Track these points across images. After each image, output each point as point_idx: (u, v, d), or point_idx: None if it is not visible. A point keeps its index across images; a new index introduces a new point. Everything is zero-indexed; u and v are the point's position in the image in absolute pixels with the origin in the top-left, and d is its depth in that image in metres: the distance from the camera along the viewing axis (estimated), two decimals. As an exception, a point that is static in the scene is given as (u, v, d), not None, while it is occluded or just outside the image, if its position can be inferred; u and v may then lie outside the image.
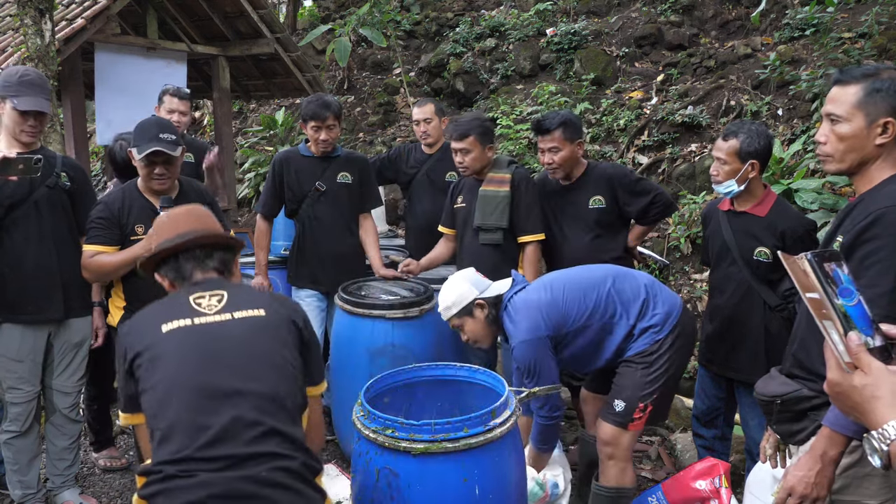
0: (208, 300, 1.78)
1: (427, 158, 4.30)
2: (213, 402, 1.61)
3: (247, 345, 1.71)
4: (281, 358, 1.73)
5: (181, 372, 1.65)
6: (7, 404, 3.03)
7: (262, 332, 1.74)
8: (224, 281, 1.89)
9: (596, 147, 6.82)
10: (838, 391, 1.08)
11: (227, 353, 1.69)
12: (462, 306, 2.72)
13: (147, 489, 1.59)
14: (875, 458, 1.01)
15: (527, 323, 2.59)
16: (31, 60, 4.54)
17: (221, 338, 1.71)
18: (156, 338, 1.71)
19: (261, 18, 6.98)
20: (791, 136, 5.65)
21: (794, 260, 1.14)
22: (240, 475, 1.55)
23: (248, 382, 1.65)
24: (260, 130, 9.86)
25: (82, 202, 3.08)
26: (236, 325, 1.73)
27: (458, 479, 2.06)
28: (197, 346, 1.69)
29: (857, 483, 1.73)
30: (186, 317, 1.73)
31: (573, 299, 2.63)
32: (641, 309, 2.64)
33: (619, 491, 2.68)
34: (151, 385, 1.66)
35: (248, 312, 1.76)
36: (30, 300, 2.95)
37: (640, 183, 3.44)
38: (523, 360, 2.58)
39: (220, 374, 1.65)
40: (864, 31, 5.87)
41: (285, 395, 1.68)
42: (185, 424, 1.59)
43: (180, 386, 1.63)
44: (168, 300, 1.85)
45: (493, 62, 8.88)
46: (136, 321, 1.82)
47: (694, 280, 5.28)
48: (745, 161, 2.76)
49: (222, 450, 1.56)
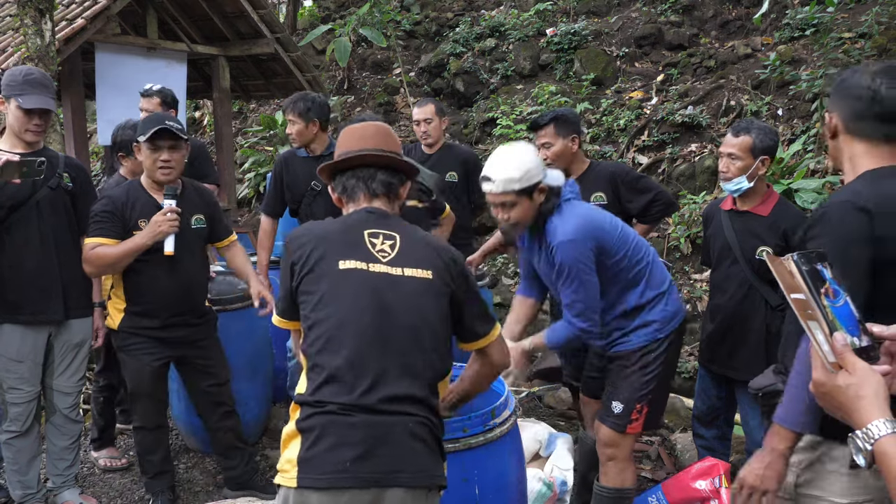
0: (381, 243, 1.80)
1: (427, 158, 4.30)
2: (379, 354, 1.69)
3: (414, 308, 1.75)
4: (436, 328, 1.78)
5: (356, 319, 1.71)
6: (7, 404, 3.03)
7: (427, 296, 1.78)
8: (394, 219, 1.88)
9: (596, 147, 6.82)
10: (823, 391, 1.09)
11: (396, 310, 1.73)
12: (530, 184, 2.42)
13: (307, 421, 1.68)
14: (860, 457, 1.02)
15: (575, 225, 2.44)
16: (31, 60, 4.54)
17: (393, 292, 1.75)
18: (331, 269, 1.76)
19: (261, 18, 6.98)
20: (791, 136, 5.66)
21: (780, 261, 1.15)
22: (391, 421, 1.66)
23: (407, 343, 1.72)
24: (260, 130, 9.85)
25: (84, 202, 3.07)
26: (407, 283, 1.76)
27: (457, 479, 2.06)
28: (372, 295, 1.73)
29: (820, 478, 1.73)
30: (363, 259, 1.76)
31: (619, 238, 2.53)
32: (659, 295, 2.59)
33: (620, 492, 2.68)
34: (323, 318, 1.73)
35: (418, 272, 1.78)
36: (30, 301, 2.94)
37: (642, 180, 3.43)
38: (563, 260, 2.42)
39: (388, 329, 1.72)
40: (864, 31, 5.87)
41: (428, 365, 1.75)
42: (353, 371, 1.67)
43: (353, 334, 1.70)
44: (343, 227, 1.85)
45: (493, 62, 8.88)
46: (312, 232, 1.85)
47: (694, 280, 5.29)
48: (757, 157, 2.77)
49: (374, 396, 1.66)
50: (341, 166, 1.91)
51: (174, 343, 3.00)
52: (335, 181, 1.94)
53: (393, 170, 1.92)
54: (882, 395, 1.03)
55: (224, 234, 3.16)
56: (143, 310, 2.95)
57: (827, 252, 1.21)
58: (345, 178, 1.91)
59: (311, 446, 1.64)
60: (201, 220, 3.03)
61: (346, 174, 1.91)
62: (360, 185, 1.89)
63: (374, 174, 1.89)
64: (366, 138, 1.91)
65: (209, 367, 3.10)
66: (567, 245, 2.42)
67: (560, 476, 2.83)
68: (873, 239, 1.56)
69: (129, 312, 2.98)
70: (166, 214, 2.80)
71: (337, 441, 1.63)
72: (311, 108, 3.61)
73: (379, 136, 1.92)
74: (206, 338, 3.11)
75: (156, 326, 2.95)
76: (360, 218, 1.86)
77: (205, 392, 3.12)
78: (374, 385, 1.66)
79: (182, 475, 3.58)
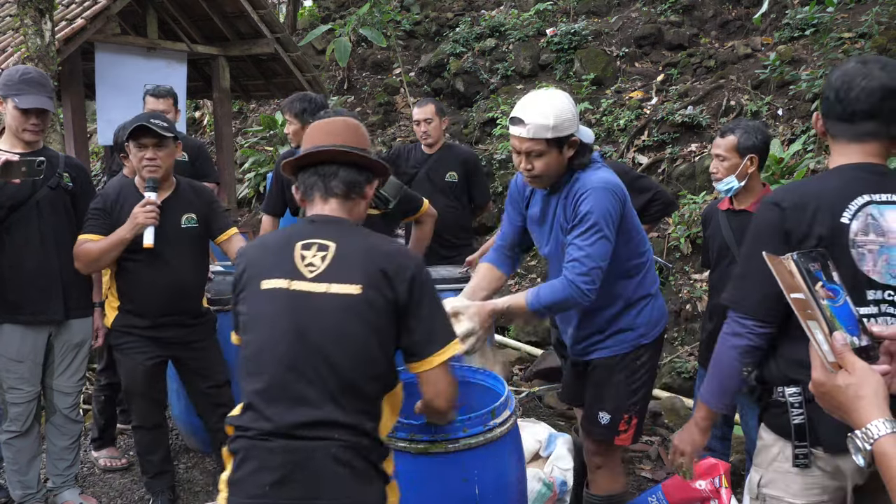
0: (312, 255, 1.71)
1: (427, 158, 4.30)
2: (295, 380, 1.65)
3: (334, 329, 1.66)
4: (360, 346, 1.67)
5: (272, 346, 1.68)
6: (7, 404, 3.03)
7: (351, 313, 1.66)
8: (338, 225, 1.78)
9: (596, 147, 6.82)
10: (822, 391, 1.08)
11: (313, 333, 1.65)
12: (563, 133, 2.21)
13: (234, 444, 1.69)
14: (859, 457, 1.01)
15: (612, 181, 2.28)
16: (31, 60, 4.54)
17: (312, 313, 1.67)
18: (256, 290, 1.72)
19: (261, 18, 6.98)
20: (791, 136, 5.66)
21: (780, 260, 1.14)
22: (311, 446, 1.63)
23: (325, 368, 1.64)
24: (260, 130, 9.85)
25: (85, 202, 3.07)
26: (329, 301, 1.67)
27: (457, 479, 2.06)
28: (291, 317, 1.67)
29: (779, 478, 1.76)
30: (286, 276, 1.70)
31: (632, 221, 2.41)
32: (647, 297, 2.48)
33: (609, 499, 2.62)
34: (246, 342, 1.74)
35: (344, 288, 1.67)
36: (31, 300, 2.94)
37: (640, 180, 3.43)
38: (595, 208, 2.20)
39: (305, 355, 1.66)
40: (864, 31, 5.87)
41: (348, 388, 1.66)
42: (270, 398, 1.65)
43: (271, 360, 1.67)
44: (278, 240, 1.81)
45: (493, 62, 8.88)
46: (252, 248, 1.85)
47: (694, 280, 5.29)
48: (743, 156, 2.80)
49: (291, 423, 1.63)
50: (303, 162, 1.82)
51: (166, 343, 3.00)
52: (297, 179, 1.85)
53: (359, 167, 1.83)
54: (881, 395, 1.03)
55: (222, 229, 3.09)
56: (134, 308, 2.95)
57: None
58: (306, 176, 1.82)
59: (237, 469, 1.66)
60: (192, 219, 2.99)
61: (308, 171, 1.82)
62: (318, 184, 1.80)
63: (336, 171, 1.80)
64: (332, 134, 1.83)
65: (203, 370, 3.09)
66: (601, 192, 2.21)
67: (560, 476, 2.82)
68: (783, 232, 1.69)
69: (121, 311, 2.99)
70: (145, 206, 2.78)
71: (258, 465, 1.62)
72: (307, 109, 3.62)
73: (347, 133, 1.84)
74: (203, 339, 3.09)
75: (146, 325, 2.95)
76: (299, 228, 1.80)
77: (204, 393, 3.12)
78: (291, 411, 1.63)
79: (182, 475, 3.58)
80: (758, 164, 2.82)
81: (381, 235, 1.88)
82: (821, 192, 1.70)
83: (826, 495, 1.72)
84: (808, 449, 1.69)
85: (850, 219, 1.65)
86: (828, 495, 1.72)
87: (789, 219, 1.69)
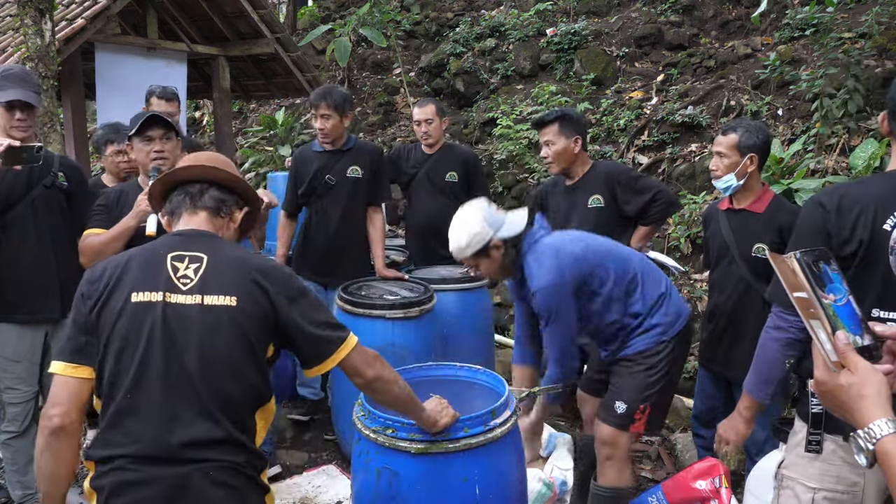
0: (185, 267, 1.66)
1: (427, 158, 4.30)
2: (170, 398, 1.57)
3: (209, 342, 1.60)
4: (236, 358, 1.63)
5: (144, 362, 1.58)
6: (5, 405, 3.03)
7: (228, 326, 1.62)
8: (207, 239, 1.74)
9: (596, 147, 6.82)
10: (824, 390, 1.08)
11: (188, 348, 1.59)
12: (479, 248, 2.54)
13: (99, 480, 1.56)
14: (861, 457, 1.01)
15: (552, 267, 2.50)
16: (31, 60, 4.54)
17: (187, 328, 1.60)
18: (124, 303, 1.61)
19: (261, 18, 6.98)
20: (791, 136, 5.65)
21: (783, 259, 1.14)
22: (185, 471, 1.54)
23: (200, 384, 1.58)
24: (260, 130, 9.85)
25: (80, 202, 3.08)
26: (205, 314, 1.61)
27: (458, 479, 2.06)
28: (164, 332, 1.59)
29: (799, 462, 1.84)
30: (160, 289, 1.62)
31: (598, 263, 2.58)
32: (658, 301, 2.62)
33: (617, 491, 2.68)
34: (111, 361, 1.60)
35: (219, 300, 1.63)
36: (28, 299, 2.94)
37: (640, 180, 3.39)
38: (544, 304, 2.51)
39: (179, 371, 1.58)
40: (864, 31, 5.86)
41: (225, 402, 1.61)
42: (141, 420, 1.56)
43: (142, 378, 1.57)
44: (145, 253, 1.71)
45: (493, 62, 8.87)
46: (114, 261, 1.70)
47: (694, 280, 5.28)
48: (744, 154, 2.81)
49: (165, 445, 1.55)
50: (174, 179, 1.80)
51: None
52: (166, 203, 1.82)
53: (229, 189, 1.83)
54: (884, 395, 1.02)
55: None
56: None
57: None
58: (174, 195, 1.80)
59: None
60: None
61: (177, 191, 1.80)
62: (185, 201, 1.78)
63: (205, 189, 1.80)
64: (200, 160, 1.84)
65: None
66: (546, 290, 2.49)
67: (560, 476, 2.82)
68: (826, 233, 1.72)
69: None
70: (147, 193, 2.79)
71: (131, 501, 1.52)
72: (346, 100, 3.65)
73: (217, 161, 1.86)
74: None
75: None
76: (166, 241, 1.73)
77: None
78: (165, 433, 1.54)
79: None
80: (758, 164, 2.82)
81: (248, 250, 1.88)
82: (866, 196, 1.71)
83: (840, 485, 1.77)
84: (821, 436, 1.78)
85: (892, 226, 1.67)
86: (842, 486, 1.77)
87: (832, 220, 1.72)
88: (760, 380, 2.03)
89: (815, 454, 1.80)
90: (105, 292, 1.64)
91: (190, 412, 1.56)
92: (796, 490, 1.83)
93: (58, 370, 1.61)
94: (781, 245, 2.57)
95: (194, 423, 1.56)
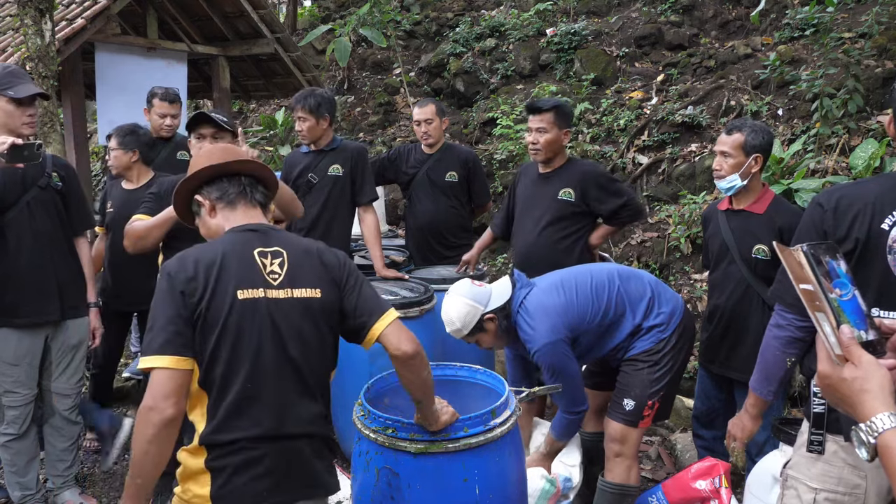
0: (270, 263, 1.79)
1: (427, 158, 4.30)
2: (281, 384, 1.75)
3: (305, 330, 1.78)
4: (327, 343, 1.84)
5: (256, 353, 1.72)
6: (4, 407, 3.02)
7: (317, 315, 1.81)
8: (276, 233, 1.86)
9: (596, 147, 6.81)
10: (828, 383, 1.08)
11: (290, 338, 1.76)
12: (472, 327, 2.66)
13: (218, 461, 1.70)
14: (862, 450, 1.01)
15: (545, 327, 2.58)
16: (31, 60, 4.54)
17: (285, 318, 1.76)
18: (232, 299, 1.71)
19: (261, 18, 6.98)
20: (791, 136, 5.65)
21: (790, 251, 1.15)
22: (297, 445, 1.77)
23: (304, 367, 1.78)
24: (260, 130, 9.85)
25: (74, 201, 3.08)
26: (296, 307, 1.78)
27: (458, 479, 2.06)
28: (271, 325, 1.74)
29: (803, 462, 1.86)
30: (259, 286, 1.75)
31: (586, 301, 2.66)
32: (648, 307, 2.69)
33: (624, 488, 2.70)
34: (225, 353, 1.70)
35: (306, 292, 1.80)
36: (27, 301, 2.93)
37: (614, 184, 3.52)
38: (547, 363, 2.60)
39: (285, 360, 1.76)
40: (864, 31, 5.86)
41: (327, 377, 1.87)
42: (258, 406, 1.72)
43: (258, 367, 1.72)
44: (238, 248, 1.77)
45: (493, 62, 8.87)
46: (201, 262, 1.73)
47: (694, 280, 5.28)
48: (749, 154, 2.79)
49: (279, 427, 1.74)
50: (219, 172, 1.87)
51: None
52: (207, 188, 1.87)
53: (265, 186, 1.95)
54: (887, 389, 1.02)
55: None
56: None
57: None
58: (223, 183, 1.87)
59: (225, 483, 1.69)
60: None
61: (224, 181, 1.88)
62: (245, 193, 1.88)
63: (255, 184, 1.91)
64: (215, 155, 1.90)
65: None
66: (544, 350, 2.58)
67: (563, 473, 2.82)
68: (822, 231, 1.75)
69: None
70: None
71: (254, 475, 1.70)
72: (322, 104, 3.66)
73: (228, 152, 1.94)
74: None
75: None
76: (247, 238, 1.81)
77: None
78: (281, 414, 1.73)
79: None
80: (761, 164, 2.82)
81: (306, 238, 1.98)
82: (865, 196, 1.73)
83: (842, 487, 1.78)
84: (822, 437, 1.80)
85: (890, 225, 1.68)
86: (843, 488, 1.77)
87: (828, 220, 1.74)
88: (763, 377, 2.07)
89: (816, 454, 1.81)
90: (209, 289, 1.71)
91: (295, 394, 1.77)
92: (799, 490, 1.85)
93: (166, 364, 1.65)
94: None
95: (300, 402, 1.77)
